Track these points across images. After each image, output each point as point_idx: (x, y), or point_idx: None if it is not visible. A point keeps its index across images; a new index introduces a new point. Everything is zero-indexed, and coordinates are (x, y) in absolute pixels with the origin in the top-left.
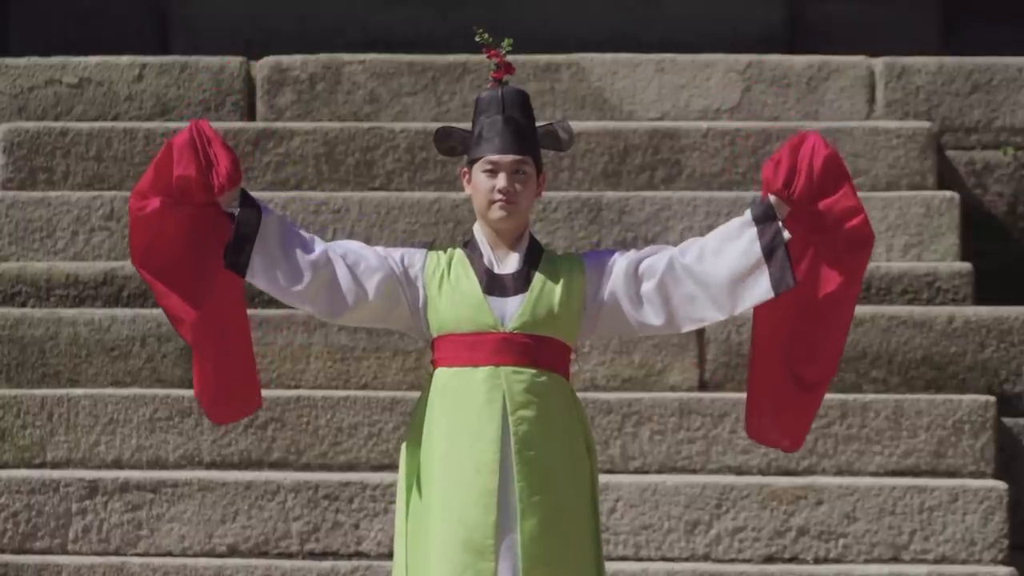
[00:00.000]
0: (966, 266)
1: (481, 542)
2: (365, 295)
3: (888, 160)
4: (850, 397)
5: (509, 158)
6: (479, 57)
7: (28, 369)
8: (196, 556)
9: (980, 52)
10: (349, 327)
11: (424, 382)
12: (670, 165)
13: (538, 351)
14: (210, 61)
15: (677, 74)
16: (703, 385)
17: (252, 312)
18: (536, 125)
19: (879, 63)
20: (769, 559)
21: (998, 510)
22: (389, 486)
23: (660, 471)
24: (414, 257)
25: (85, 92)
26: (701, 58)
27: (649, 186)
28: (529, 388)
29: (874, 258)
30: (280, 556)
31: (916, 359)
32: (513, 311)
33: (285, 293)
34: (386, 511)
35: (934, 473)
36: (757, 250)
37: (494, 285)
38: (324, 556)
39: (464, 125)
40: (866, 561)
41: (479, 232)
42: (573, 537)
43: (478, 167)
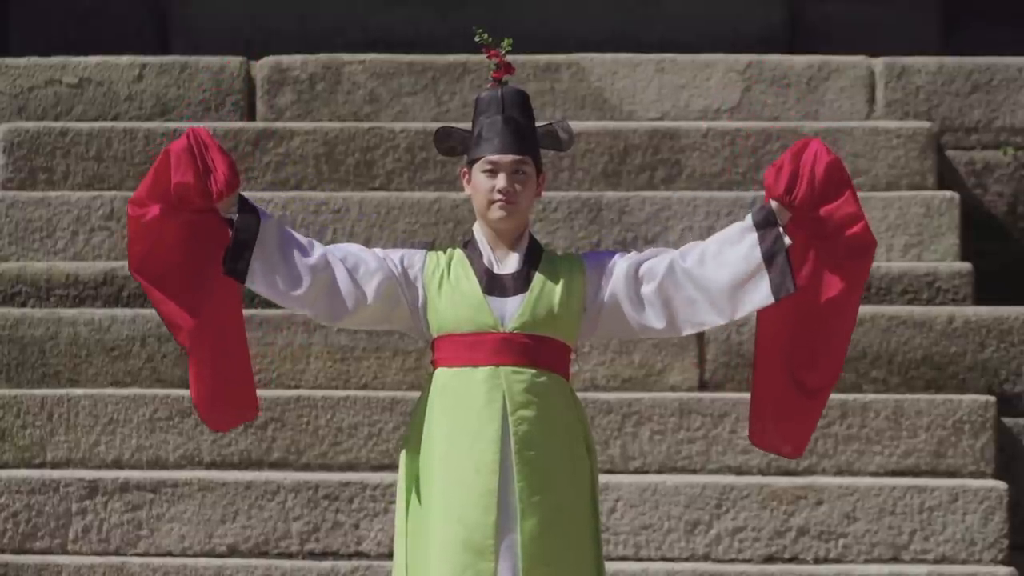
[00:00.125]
0: (966, 266)
1: (481, 542)
2: (364, 298)
3: (888, 160)
4: (850, 397)
5: (509, 158)
6: (479, 57)
7: (28, 369)
8: (196, 556)
9: (980, 52)
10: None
11: (424, 382)
12: (670, 165)
13: (538, 351)
14: (210, 61)
15: (677, 74)
16: (703, 385)
17: (252, 312)
18: (536, 125)
19: (879, 63)
20: (769, 559)
21: (998, 510)
22: (389, 486)
23: (660, 471)
24: (413, 258)
25: (85, 92)
26: (701, 58)
27: (649, 186)
28: (529, 388)
29: (874, 258)
30: (280, 556)
31: (916, 359)
32: (513, 311)
33: (285, 298)
34: (386, 511)
35: (934, 473)
36: (758, 255)
37: (494, 285)
38: (324, 556)
39: (464, 125)
40: (866, 561)
41: (479, 232)
42: (573, 537)
43: (478, 167)
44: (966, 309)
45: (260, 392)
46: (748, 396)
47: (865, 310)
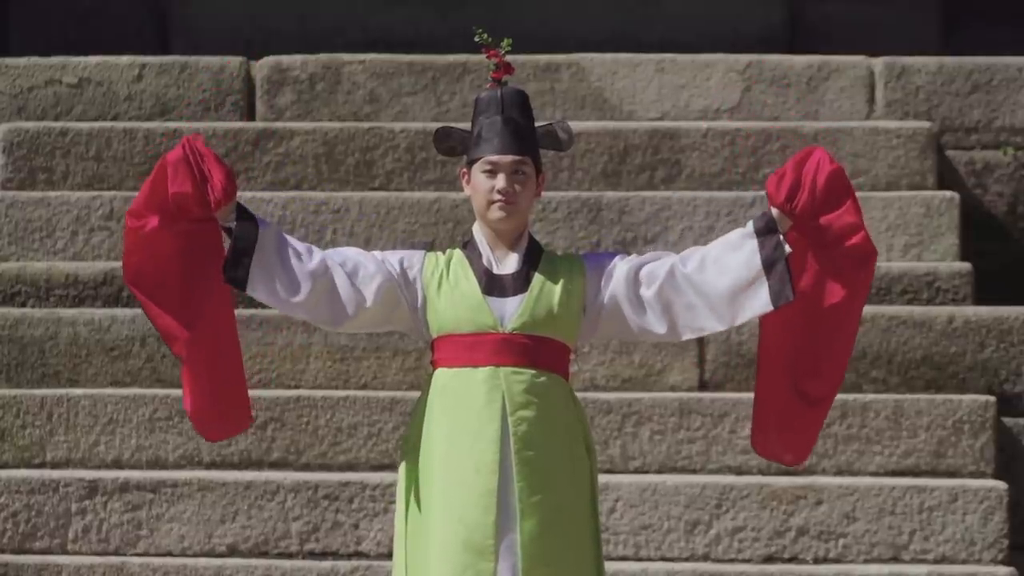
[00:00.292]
0: (966, 266)
1: (481, 542)
2: (364, 301)
3: (888, 160)
4: (850, 397)
5: (508, 158)
6: (479, 57)
7: (28, 369)
8: (196, 556)
9: (980, 52)
10: None
11: (424, 383)
12: (670, 165)
13: (537, 351)
14: (210, 61)
15: (677, 74)
16: (703, 385)
17: (252, 312)
18: (535, 125)
19: (879, 63)
20: (769, 559)
21: (998, 510)
22: (389, 486)
23: (660, 471)
24: (413, 259)
25: (85, 92)
26: (701, 58)
27: (649, 186)
28: (529, 388)
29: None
30: (280, 556)
31: (916, 359)
32: (512, 311)
33: (285, 305)
34: (386, 511)
35: (934, 473)
36: (757, 262)
37: (493, 285)
38: (324, 556)
39: (464, 125)
40: (866, 561)
41: (478, 232)
42: (573, 537)
43: (477, 167)
44: (966, 309)
45: (260, 392)
46: (748, 396)
47: (865, 310)
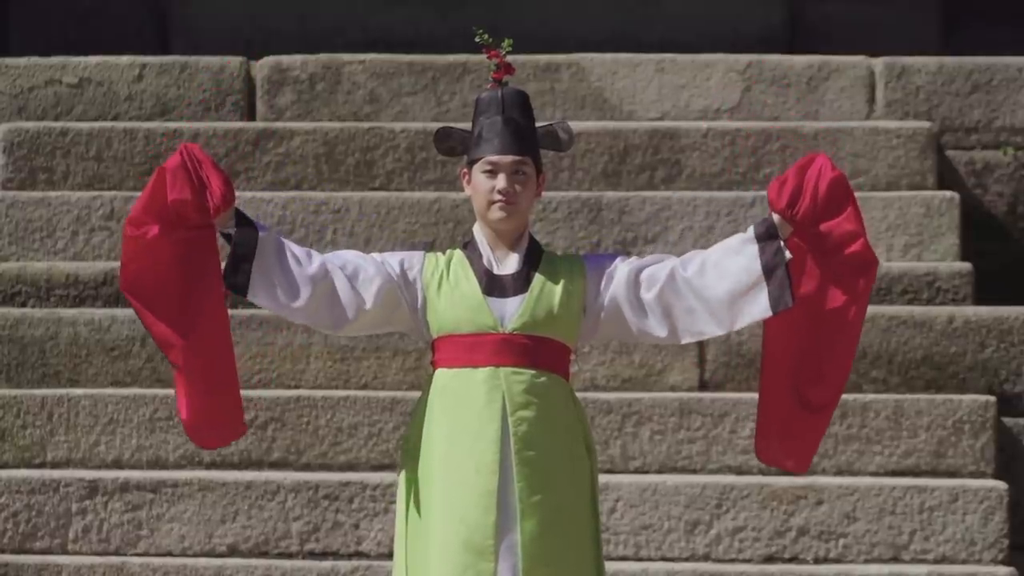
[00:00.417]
0: (966, 266)
1: (481, 542)
2: (364, 304)
3: (888, 160)
4: (850, 397)
5: (509, 159)
6: (479, 57)
7: (28, 369)
8: (196, 556)
9: (980, 52)
10: None
11: (424, 383)
12: (670, 165)
13: (537, 352)
14: (210, 61)
15: (677, 74)
16: (703, 385)
17: (252, 312)
18: (536, 126)
19: (879, 63)
20: (769, 559)
21: (998, 510)
22: (389, 486)
23: (660, 471)
24: (413, 260)
25: (85, 92)
26: (701, 58)
27: (649, 186)
28: (529, 389)
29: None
30: (280, 556)
31: (916, 359)
32: (513, 312)
33: (286, 310)
34: (386, 511)
35: (934, 473)
36: (757, 267)
37: (493, 286)
38: (324, 556)
39: (464, 125)
40: (866, 561)
41: (479, 233)
42: (573, 537)
43: (478, 168)
44: (966, 309)
45: (260, 392)
46: (748, 396)
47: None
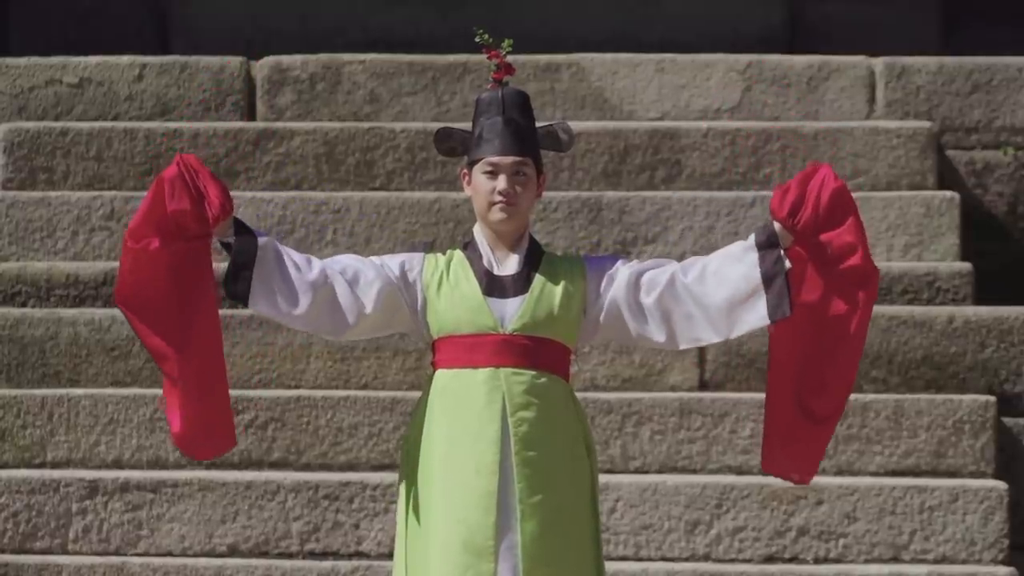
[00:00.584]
0: (966, 266)
1: (482, 543)
2: (364, 308)
3: (888, 160)
4: (850, 397)
5: (509, 159)
6: (479, 57)
7: (28, 369)
8: (196, 556)
9: (980, 52)
10: None
11: (424, 383)
12: (670, 165)
13: (537, 353)
14: (210, 61)
15: (677, 74)
16: (703, 385)
17: (252, 312)
18: (536, 126)
19: (879, 63)
20: (769, 559)
21: (998, 510)
22: (389, 486)
23: (660, 471)
24: (413, 261)
25: (85, 92)
26: (701, 58)
27: (649, 186)
28: (529, 389)
29: (874, 258)
30: (280, 556)
31: (916, 359)
32: (513, 313)
33: (287, 317)
34: (386, 511)
35: (934, 473)
36: (757, 276)
37: (494, 286)
38: (324, 556)
39: (464, 125)
40: (866, 561)
41: (479, 233)
42: (573, 538)
43: (478, 168)
44: (966, 309)
45: (260, 392)
46: (748, 396)
47: None
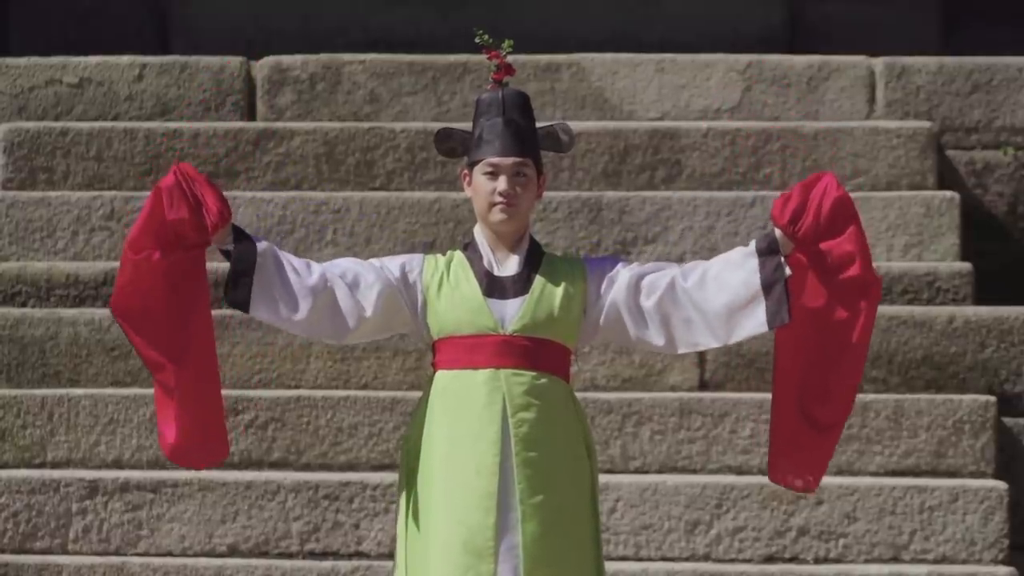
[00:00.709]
0: (966, 266)
1: (482, 544)
2: (364, 312)
3: (888, 160)
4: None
5: (510, 161)
6: (479, 57)
7: (28, 369)
8: (196, 556)
9: (980, 52)
10: None
11: (424, 384)
12: (670, 165)
13: (538, 353)
14: (210, 61)
15: (677, 74)
16: (703, 385)
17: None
18: (536, 127)
19: (879, 63)
20: (769, 559)
21: (998, 510)
22: (389, 486)
23: (660, 471)
24: (413, 263)
25: (85, 92)
26: (701, 58)
27: (649, 186)
28: (529, 390)
29: (874, 258)
30: (280, 556)
31: (916, 359)
32: (513, 313)
33: (288, 323)
34: (386, 511)
35: (934, 473)
36: (756, 283)
37: (494, 287)
38: (324, 556)
39: (464, 125)
40: (866, 561)
41: (479, 234)
42: (574, 538)
43: (478, 169)
44: (966, 309)
45: (260, 392)
46: (748, 396)
47: None
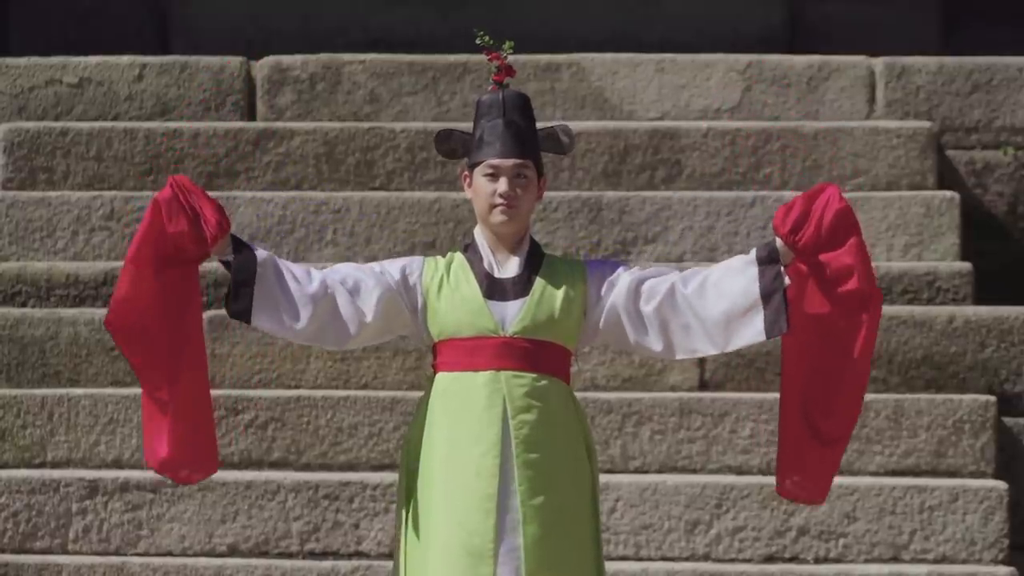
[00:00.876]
0: (966, 266)
1: (481, 546)
2: (365, 317)
3: (888, 160)
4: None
5: (510, 162)
6: (479, 57)
7: (28, 369)
8: (196, 556)
9: (980, 52)
10: None
11: (425, 386)
12: (670, 165)
13: (538, 355)
14: (210, 61)
15: (677, 74)
16: (703, 385)
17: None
18: (537, 128)
19: (879, 63)
20: (769, 559)
21: (998, 510)
22: (389, 486)
23: (660, 471)
24: (413, 265)
25: (85, 92)
26: (701, 58)
27: (649, 186)
28: (529, 392)
29: (874, 258)
30: (280, 556)
31: (916, 359)
32: (513, 315)
33: (290, 332)
34: (386, 511)
35: (934, 473)
36: (755, 291)
37: (494, 289)
38: (324, 556)
39: (464, 125)
40: (866, 561)
41: (480, 236)
42: (575, 539)
43: (479, 171)
44: (966, 309)
45: (260, 392)
46: (748, 396)
47: None
